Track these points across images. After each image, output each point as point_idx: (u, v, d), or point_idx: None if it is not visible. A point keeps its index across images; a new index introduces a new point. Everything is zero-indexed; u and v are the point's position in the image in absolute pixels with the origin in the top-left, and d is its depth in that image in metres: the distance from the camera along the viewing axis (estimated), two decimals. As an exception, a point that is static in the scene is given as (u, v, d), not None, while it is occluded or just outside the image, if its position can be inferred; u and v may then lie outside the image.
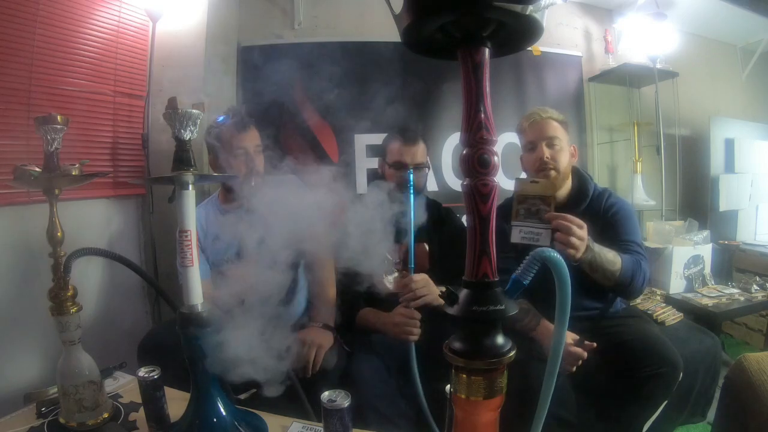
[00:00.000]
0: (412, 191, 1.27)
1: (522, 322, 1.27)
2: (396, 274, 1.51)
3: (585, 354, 1.18)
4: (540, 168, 1.37)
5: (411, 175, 1.21)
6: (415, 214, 1.50)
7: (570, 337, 1.22)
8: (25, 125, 1.51)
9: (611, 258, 1.22)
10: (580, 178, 1.44)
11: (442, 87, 2.44)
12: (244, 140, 1.47)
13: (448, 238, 1.52)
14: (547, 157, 1.36)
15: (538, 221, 1.15)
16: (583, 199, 1.40)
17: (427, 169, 1.56)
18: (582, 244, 1.14)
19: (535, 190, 1.17)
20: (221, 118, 1.50)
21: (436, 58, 0.48)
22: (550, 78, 2.72)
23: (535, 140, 1.39)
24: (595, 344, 1.20)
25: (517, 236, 1.17)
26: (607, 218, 1.37)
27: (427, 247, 1.52)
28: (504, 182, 2.44)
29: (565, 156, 1.39)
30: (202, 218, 1.52)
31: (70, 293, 0.85)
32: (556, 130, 1.39)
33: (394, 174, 1.51)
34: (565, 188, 1.42)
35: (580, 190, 1.42)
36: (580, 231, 1.13)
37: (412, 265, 1.24)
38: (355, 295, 1.44)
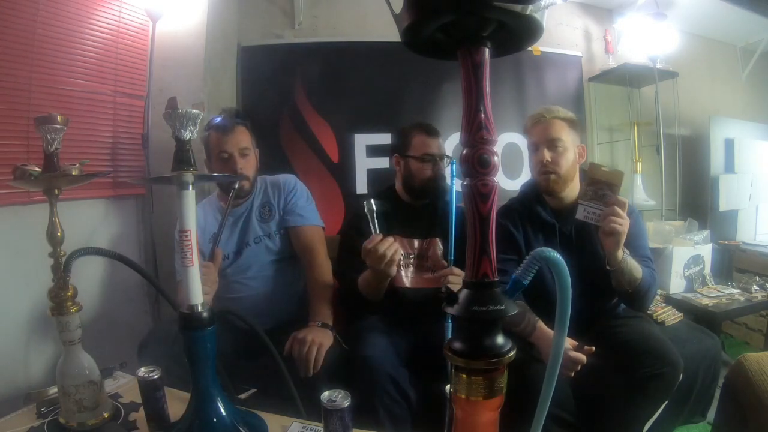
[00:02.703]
0: (453, 180, 1.33)
1: (518, 327, 1.27)
2: (411, 269, 1.52)
3: (584, 359, 1.18)
4: (540, 171, 1.37)
5: (454, 165, 1.31)
6: (438, 208, 1.54)
7: (569, 342, 1.21)
8: (25, 125, 1.52)
9: (636, 265, 1.27)
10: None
11: (442, 87, 2.44)
12: (227, 143, 1.46)
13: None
14: (546, 161, 1.35)
15: (602, 204, 1.25)
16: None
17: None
18: (624, 229, 1.20)
19: (605, 176, 1.27)
20: (217, 119, 1.49)
21: (436, 58, 0.48)
22: (550, 78, 2.72)
23: (537, 142, 1.38)
24: (593, 348, 1.19)
25: (581, 213, 1.27)
26: None
27: (440, 244, 1.51)
28: (504, 182, 2.44)
29: (568, 158, 1.36)
30: (200, 217, 1.52)
31: (70, 293, 0.85)
32: (561, 131, 1.36)
33: (422, 167, 1.53)
34: (572, 190, 1.41)
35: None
36: (624, 220, 1.20)
37: (452, 257, 1.28)
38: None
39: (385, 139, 2.25)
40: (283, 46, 2.39)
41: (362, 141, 2.36)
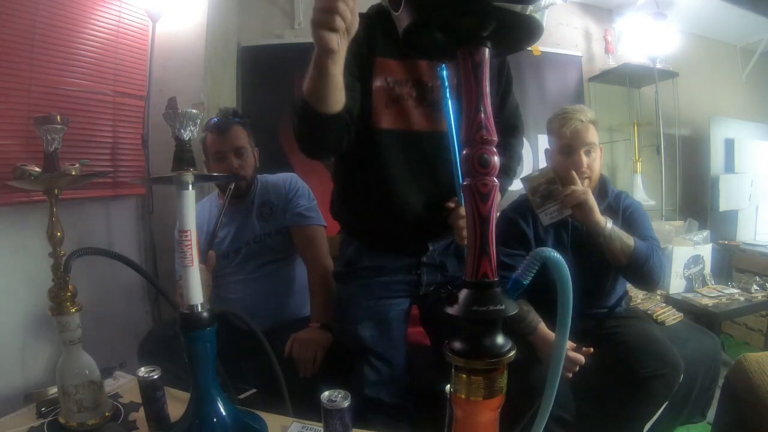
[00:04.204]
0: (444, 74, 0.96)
1: (521, 324, 1.27)
2: (412, 102, 1.08)
3: (583, 360, 1.18)
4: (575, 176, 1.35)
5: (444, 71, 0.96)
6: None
7: (567, 343, 1.21)
8: (25, 125, 1.52)
9: (625, 234, 1.30)
10: (601, 179, 1.46)
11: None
12: (221, 143, 1.46)
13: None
14: (585, 168, 1.34)
15: (554, 199, 1.31)
16: (604, 198, 1.41)
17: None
18: (587, 195, 1.26)
19: (539, 180, 1.34)
20: (214, 120, 1.49)
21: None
22: (550, 78, 2.73)
23: (574, 146, 1.35)
24: (592, 349, 1.20)
25: (546, 220, 1.33)
26: (625, 217, 1.40)
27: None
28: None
29: (598, 162, 1.39)
30: (201, 215, 1.52)
31: (70, 293, 0.85)
32: (595, 135, 1.37)
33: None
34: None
35: (601, 191, 1.43)
36: (580, 188, 1.27)
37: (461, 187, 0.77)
38: None
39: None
40: (283, 46, 2.39)
41: (362, 141, 2.36)
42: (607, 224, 1.27)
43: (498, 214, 1.11)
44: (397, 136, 1.06)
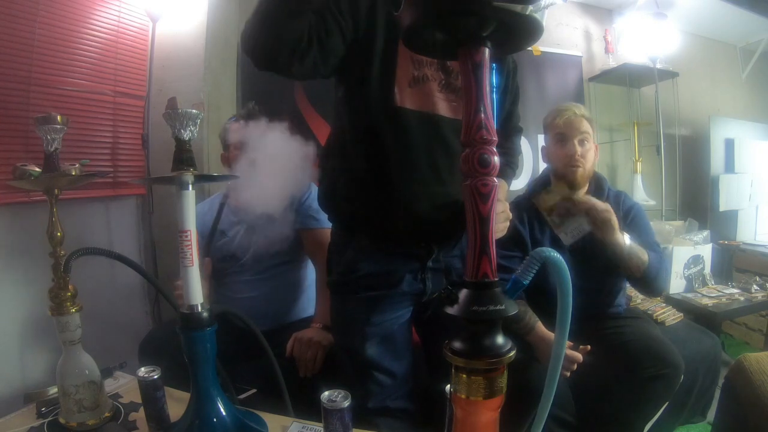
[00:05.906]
0: None
1: (518, 324, 1.26)
2: (437, 85, 0.99)
3: (581, 357, 1.18)
4: (569, 164, 1.39)
5: None
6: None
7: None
8: (25, 125, 1.52)
9: (641, 248, 1.31)
10: (597, 177, 1.48)
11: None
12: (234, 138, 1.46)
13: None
14: (578, 156, 1.37)
15: (572, 216, 1.32)
16: (600, 196, 1.42)
17: None
18: (610, 214, 1.26)
19: (552, 199, 1.35)
20: (233, 118, 1.50)
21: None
22: (550, 78, 2.72)
23: (567, 134, 1.39)
24: (589, 347, 1.20)
25: (567, 239, 1.34)
26: (627, 221, 1.41)
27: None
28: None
29: (592, 154, 1.42)
30: (207, 213, 1.52)
31: (70, 293, 0.85)
32: (588, 127, 1.41)
33: None
34: (584, 187, 1.44)
35: (597, 189, 1.45)
36: (602, 205, 1.28)
37: None
38: None
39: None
40: (283, 46, 2.38)
41: (362, 141, 2.35)
42: (626, 242, 1.28)
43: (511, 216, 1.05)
44: (419, 118, 0.96)
